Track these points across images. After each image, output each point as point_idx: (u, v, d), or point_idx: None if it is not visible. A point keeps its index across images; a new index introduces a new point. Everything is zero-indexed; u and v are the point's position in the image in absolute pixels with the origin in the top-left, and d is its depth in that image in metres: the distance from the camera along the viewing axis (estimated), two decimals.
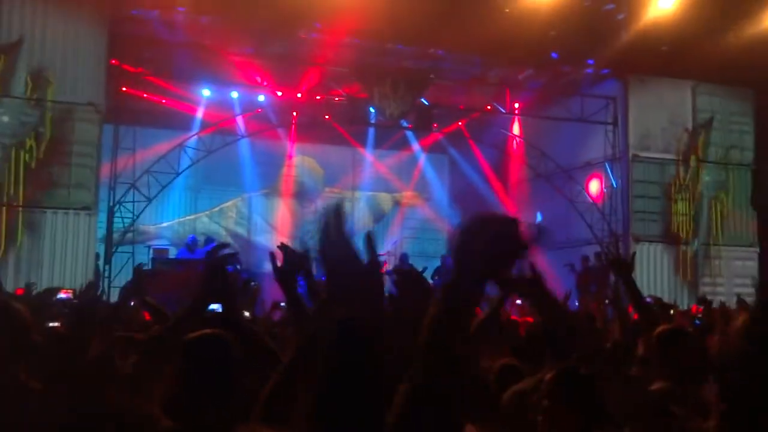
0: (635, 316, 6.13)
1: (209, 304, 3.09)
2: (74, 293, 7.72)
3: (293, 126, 17.44)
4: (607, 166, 17.03)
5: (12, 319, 3.38)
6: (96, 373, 2.70)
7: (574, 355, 3.98)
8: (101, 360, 2.77)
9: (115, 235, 15.15)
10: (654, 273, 16.27)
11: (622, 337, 5.57)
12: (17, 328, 3.35)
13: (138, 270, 6.44)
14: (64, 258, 13.36)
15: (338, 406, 1.97)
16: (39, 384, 3.24)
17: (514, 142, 18.51)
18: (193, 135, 16.35)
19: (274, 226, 18.52)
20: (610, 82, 16.98)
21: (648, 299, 9.23)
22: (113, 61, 14.43)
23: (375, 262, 1.98)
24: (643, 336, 4.71)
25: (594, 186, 17.34)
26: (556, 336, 4.12)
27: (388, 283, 2.42)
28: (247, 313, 5.81)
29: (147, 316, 4.47)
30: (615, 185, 16.87)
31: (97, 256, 14.22)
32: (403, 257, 16.93)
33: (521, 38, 14.07)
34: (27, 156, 13.40)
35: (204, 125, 16.45)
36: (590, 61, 16.49)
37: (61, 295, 7.30)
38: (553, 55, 15.79)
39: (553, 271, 15.75)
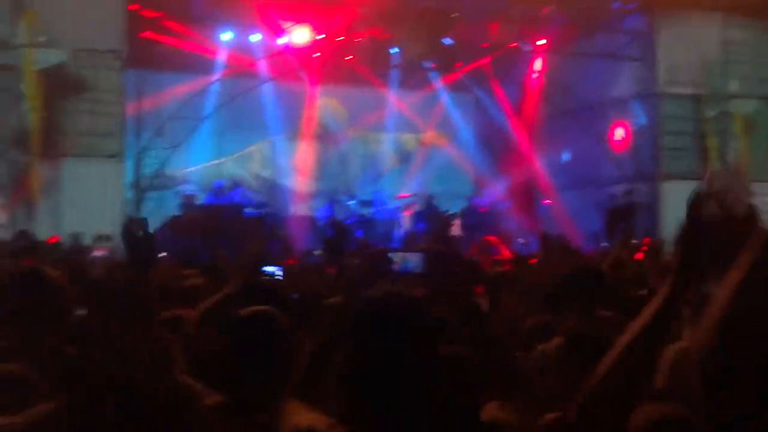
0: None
1: None
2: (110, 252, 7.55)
3: (316, 68, 17.25)
4: (635, 103, 16.76)
5: (47, 288, 3.39)
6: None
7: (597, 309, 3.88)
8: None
9: (143, 181, 15.30)
10: (683, 211, 16.11)
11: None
12: (52, 298, 3.38)
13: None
14: (93, 206, 13.47)
15: (366, 386, 1.99)
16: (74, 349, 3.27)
17: (539, 79, 18.20)
18: (216, 79, 16.30)
19: (298, 168, 18.53)
20: (637, 16, 16.58)
21: None
22: (132, 7, 14.31)
23: None
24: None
25: (619, 132, 17.04)
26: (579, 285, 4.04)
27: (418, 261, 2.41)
28: (278, 272, 5.82)
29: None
30: (643, 122, 16.62)
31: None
32: (429, 199, 16.91)
33: None
34: (51, 105, 13.42)
35: (226, 69, 16.35)
36: None
37: (96, 253, 7.21)
38: None
39: (583, 210, 15.74)
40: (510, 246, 11.18)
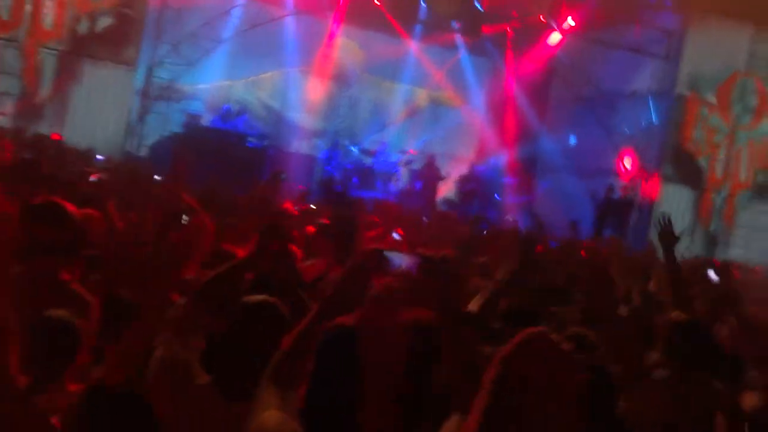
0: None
1: None
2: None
3: (341, 6, 17.06)
4: (650, 101, 16.73)
5: (66, 222, 3.46)
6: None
7: None
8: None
9: (151, 91, 15.27)
10: (675, 217, 16.21)
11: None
12: (70, 232, 3.45)
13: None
14: (100, 109, 13.47)
15: (321, 402, 2.09)
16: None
17: (557, 59, 18.05)
18: (240, 2, 16.12)
19: (307, 104, 18.41)
20: (670, 14, 16.44)
21: None
22: None
23: None
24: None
25: (627, 162, 16.86)
26: None
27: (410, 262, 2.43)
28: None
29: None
30: (654, 121, 16.62)
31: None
32: (431, 159, 16.91)
33: None
34: (74, 5, 13.30)
35: None
36: None
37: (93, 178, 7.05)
38: None
39: (579, 199, 15.81)
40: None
